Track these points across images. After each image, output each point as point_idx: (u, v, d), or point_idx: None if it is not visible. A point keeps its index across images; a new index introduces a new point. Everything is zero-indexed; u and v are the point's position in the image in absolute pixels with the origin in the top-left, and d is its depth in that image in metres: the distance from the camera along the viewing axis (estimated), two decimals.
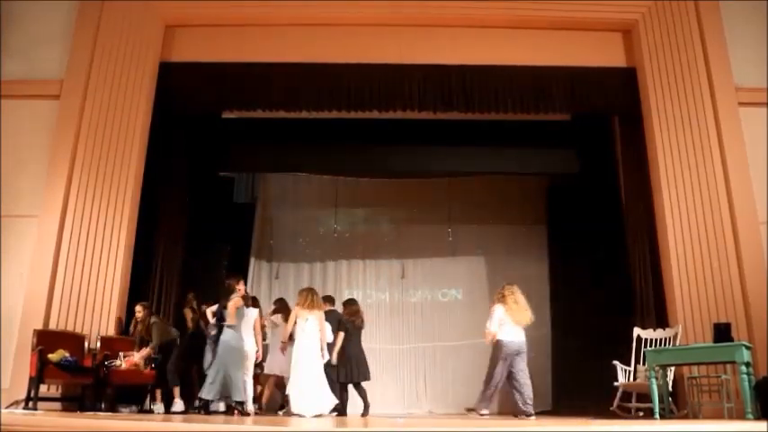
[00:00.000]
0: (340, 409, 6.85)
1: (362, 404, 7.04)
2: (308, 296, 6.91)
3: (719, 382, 6.27)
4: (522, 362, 6.43)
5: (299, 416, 6.40)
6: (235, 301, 6.57)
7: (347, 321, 7.14)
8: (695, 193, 7.20)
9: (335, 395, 6.70)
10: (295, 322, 6.80)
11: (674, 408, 6.48)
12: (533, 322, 9.19)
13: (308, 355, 6.69)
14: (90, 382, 6.29)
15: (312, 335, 6.76)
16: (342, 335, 7.03)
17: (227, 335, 6.52)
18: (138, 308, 6.90)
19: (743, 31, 7.73)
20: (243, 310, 6.67)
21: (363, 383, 7.13)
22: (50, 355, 6.14)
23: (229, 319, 6.51)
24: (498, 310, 6.52)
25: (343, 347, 6.99)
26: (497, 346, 6.39)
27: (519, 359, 6.40)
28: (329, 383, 6.70)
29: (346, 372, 6.99)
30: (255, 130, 8.62)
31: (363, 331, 7.36)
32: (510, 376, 6.38)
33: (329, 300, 7.53)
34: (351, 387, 7.13)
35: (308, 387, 6.55)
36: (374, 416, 7.10)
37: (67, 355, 6.26)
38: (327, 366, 6.83)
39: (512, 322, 6.46)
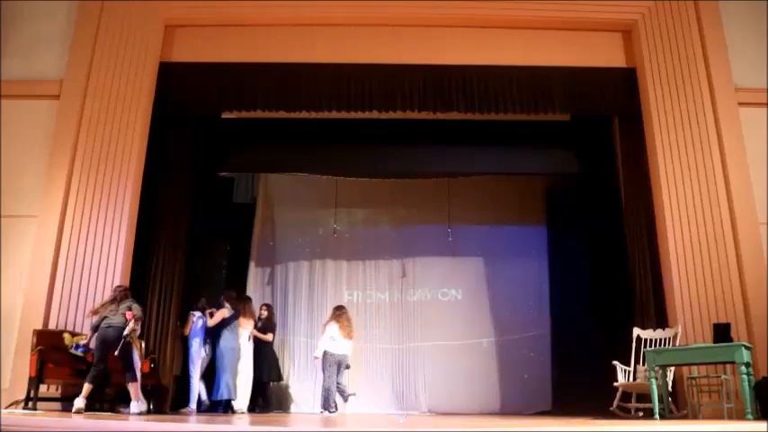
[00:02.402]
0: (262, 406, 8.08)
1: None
2: (248, 308, 8.12)
3: (719, 382, 6.27)
4: (342, 370, 7.80)
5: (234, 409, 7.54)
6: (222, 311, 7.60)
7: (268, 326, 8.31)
8: (695, 193, 7.20)
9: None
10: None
11: (674, 408, 6.48)
12: (533, 322, 9.36)
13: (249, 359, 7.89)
14: None
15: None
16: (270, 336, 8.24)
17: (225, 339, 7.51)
18: None
19: (742, 32, 7.73)
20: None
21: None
22: (65, 334, 6.24)
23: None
24: (333, 327, 7.73)
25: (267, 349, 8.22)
26: (325, 356, 7.65)
27: (339, 367, 7.75)
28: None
29: (269, 371, 8.16)
30: (255, 130, 8.61)
31: (363, 330, 8.23)
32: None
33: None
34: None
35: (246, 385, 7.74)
36: (374, 415, 7.12)
37: (82, 341, 6.24)
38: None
39: (342, 337, 7.71)
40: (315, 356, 7.85)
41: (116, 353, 5.96)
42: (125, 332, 6.01)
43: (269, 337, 8.25)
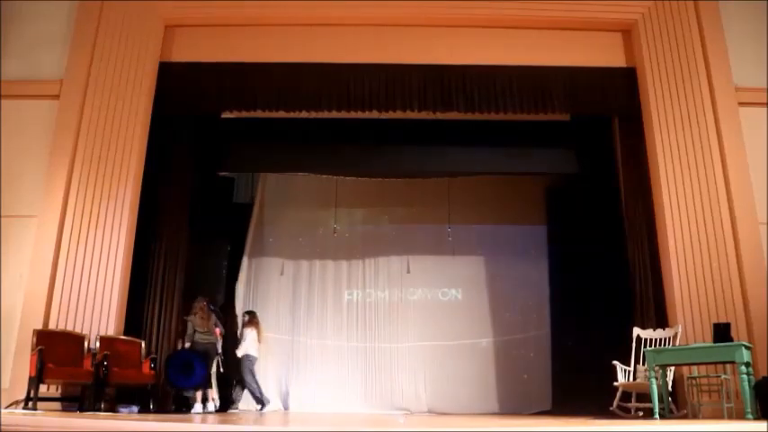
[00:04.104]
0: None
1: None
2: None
3: (719, 382, 6.27)
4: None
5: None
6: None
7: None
8: (695, 192, 7.21)
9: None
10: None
11: (674, 408, 6.48)
12: (533, 322, 9.37)
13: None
14: (90, 382, 6.29)
15: None
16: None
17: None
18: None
19: (742, 31, 7.73)
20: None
21: None
22: None
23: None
24: (252, 333, 8.25)
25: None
26: (247, 358, 8.10)
27: (255, 367, 8.32)
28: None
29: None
30: (255, 130, 8.62)
31: (363, 329, 8.54)
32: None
33: None
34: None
35: None
36: (374, 415, 7.12)
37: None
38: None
39: (257, 341, 8.26)
40: (242, 355, 8.19)
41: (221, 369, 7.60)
42: (219, 350, 7.62)
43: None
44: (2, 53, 7.53)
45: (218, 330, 7.55)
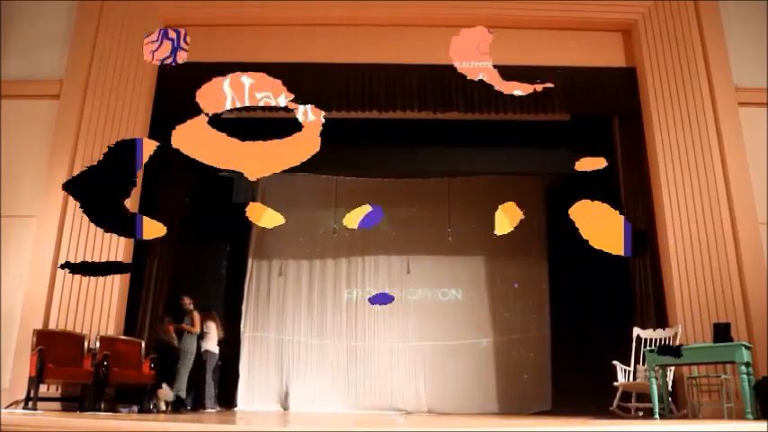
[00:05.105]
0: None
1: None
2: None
3: (719, 382, 6.27)
4: None
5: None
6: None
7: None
8: (695, 192, 7.21)
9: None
10: None
11: (674, 408, 6.48)
12: (533, 322, 9.37)
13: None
14: (90, 382, 6.29)
15: None
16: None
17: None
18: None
19: (742, 31, 7.74)
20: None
21: None
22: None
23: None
24: (212, 326, 8.15)
25: None
26: (209, 354, 8.05)
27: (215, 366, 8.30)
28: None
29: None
30: (255, 130, 8.61)
31: (363, 328, 8.57)
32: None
33: None
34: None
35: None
36: (374, 415, 7.12)
37: None
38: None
39: (216, 336, 8.19)
40: (203, 350, 8.13)
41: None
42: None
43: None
44: (2, 53, 7.53)
45: (171, 327, 7.71)
